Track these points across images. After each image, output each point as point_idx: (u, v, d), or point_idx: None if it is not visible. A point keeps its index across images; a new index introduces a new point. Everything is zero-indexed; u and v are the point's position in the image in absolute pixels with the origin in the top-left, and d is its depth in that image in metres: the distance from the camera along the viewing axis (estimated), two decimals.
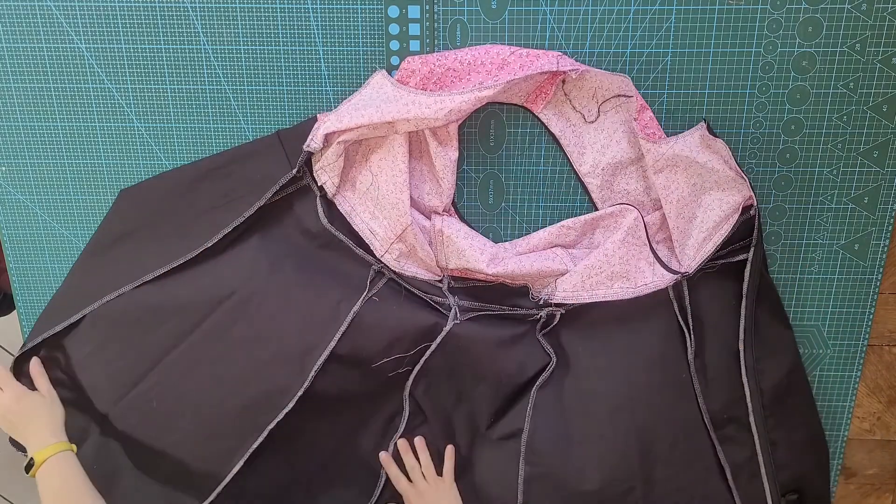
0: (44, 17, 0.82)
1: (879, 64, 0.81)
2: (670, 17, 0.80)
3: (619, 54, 0.81)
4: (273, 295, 0.83)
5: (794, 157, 0.85)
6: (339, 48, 0.83)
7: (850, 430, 0.96)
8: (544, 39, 0.81)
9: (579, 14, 0.80)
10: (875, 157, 0.84)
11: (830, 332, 0.92)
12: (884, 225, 0.87)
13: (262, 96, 0.85)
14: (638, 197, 0.86)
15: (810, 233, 0.88)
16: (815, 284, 0.90)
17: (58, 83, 0.85)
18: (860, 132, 0.84)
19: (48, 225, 0.91)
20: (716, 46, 0.81)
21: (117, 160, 0.88)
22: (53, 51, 0.84)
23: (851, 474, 1.03)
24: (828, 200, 0.87)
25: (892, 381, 0.97)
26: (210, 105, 0.86)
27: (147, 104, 0.86)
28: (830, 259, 0.89)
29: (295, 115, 0.85)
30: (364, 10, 0.81)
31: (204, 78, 0.84)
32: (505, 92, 0.80)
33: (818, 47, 0.80)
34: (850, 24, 0.79)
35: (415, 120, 0.76)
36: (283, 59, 0.83)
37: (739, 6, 0.79)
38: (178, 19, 0.82)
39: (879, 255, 0.88)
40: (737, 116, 0.84)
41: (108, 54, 0.84)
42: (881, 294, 0.91)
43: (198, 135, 0.87)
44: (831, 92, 0.82)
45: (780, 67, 0.81)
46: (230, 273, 0.84)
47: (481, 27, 0.81)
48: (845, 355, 0.93)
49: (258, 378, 0.84)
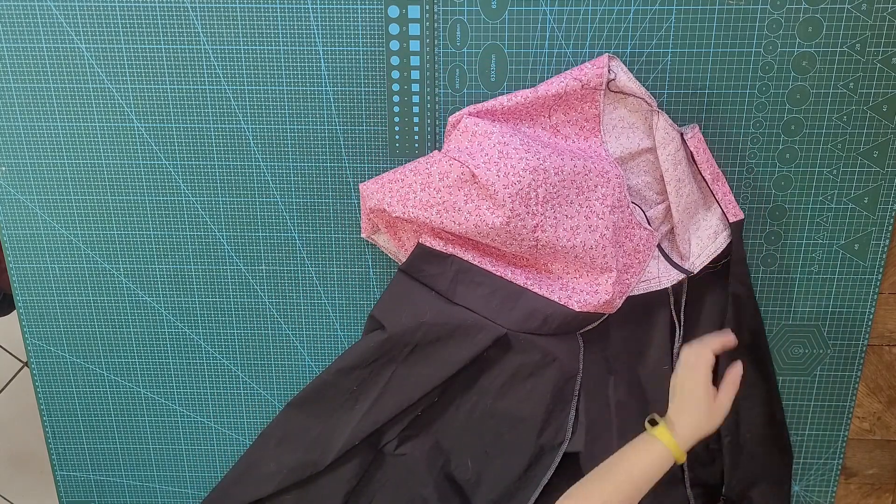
0: (44, 17, 0.82)
1: (879, 64, 0.81)
2: (670, 17, 0.80)
3: (619, 54, 0.81)
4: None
5: (794, 157, 0.85)
6: (339, 48, 0.83)
7: (850, 430, 0.96)
8: (544, 39, 0.81)
9: (579, 14, 0.80)
10: (875, 157, 0.84)
11: (830, 332, 0.92)
12: (884, 225, 0.87)
13: (262, 96, 0.85)
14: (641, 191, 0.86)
15: (810, 233, 0.88)
16: (815, 284, 0.90)
17: (58, 83, 0.85)
18: (860, 132, 0.84)
19: (48, 225, 0.91)
20: (716, 46, 0.81)
21: (117, 160, 0.88)
22: (53, 51, 0.84)
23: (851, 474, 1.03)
24: (828, 200, 0.87)
25: (892, 381, 0.97)
26: (210, 105, 0.86)
27: (147, 104, 0.86)
28: (830, 259, 0.89)
29: (295, 114, 0.85)
30: (364, 10, 0.81)
31: (204, 78, 0.84)
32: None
33: (818, 47, 0.80)
34: (850, 24, 0.79)
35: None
36: (283, 59, 0.83)
37: (739, 6, 0.79)
38: (178, 19, 0.82)
39: (879, 255, 0.88)
40: (737, 116, 0.84)
41: (108, 54, 0.84)
42: (881, 294, 0.91)
43: (198, 135, 0.87)
44: (831, 92, 0.82)
45: (780, 67, 0.81)
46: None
47: (481, 27, 0.81)
48: (845, 355, 0.93)
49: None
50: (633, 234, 0.83)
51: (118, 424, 1.00)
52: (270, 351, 0.96)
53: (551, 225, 0.78)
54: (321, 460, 0.89)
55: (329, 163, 0.88)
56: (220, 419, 0.99)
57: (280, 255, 0.92)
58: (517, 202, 0.75)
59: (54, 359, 0.97)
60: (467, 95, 0.84)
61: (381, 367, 0.86)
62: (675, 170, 0.80)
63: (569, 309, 0.82)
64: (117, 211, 0.90)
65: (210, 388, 0.98)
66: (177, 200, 0.90)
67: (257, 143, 0.87)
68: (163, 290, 0.94)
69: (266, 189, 0.89)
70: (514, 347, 0.84)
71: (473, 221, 0.77)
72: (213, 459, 1.01)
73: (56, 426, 1.00)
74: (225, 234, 0.91)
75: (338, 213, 0.90)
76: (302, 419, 0.91)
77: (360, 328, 0.94)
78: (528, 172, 0.75)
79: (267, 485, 0.91)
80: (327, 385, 0.88)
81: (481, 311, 0.83)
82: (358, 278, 0.92)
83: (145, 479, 1.03)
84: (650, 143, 0.82)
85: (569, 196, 0.78)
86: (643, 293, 0.85)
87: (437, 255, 0.83)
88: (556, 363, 0.84)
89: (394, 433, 0.90)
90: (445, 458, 0.91)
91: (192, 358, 0.97)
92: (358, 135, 0.86)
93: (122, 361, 0.97)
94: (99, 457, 1.02)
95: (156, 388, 0.98)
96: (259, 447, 0.93)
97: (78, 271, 0.93)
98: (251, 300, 0.94)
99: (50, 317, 0.95)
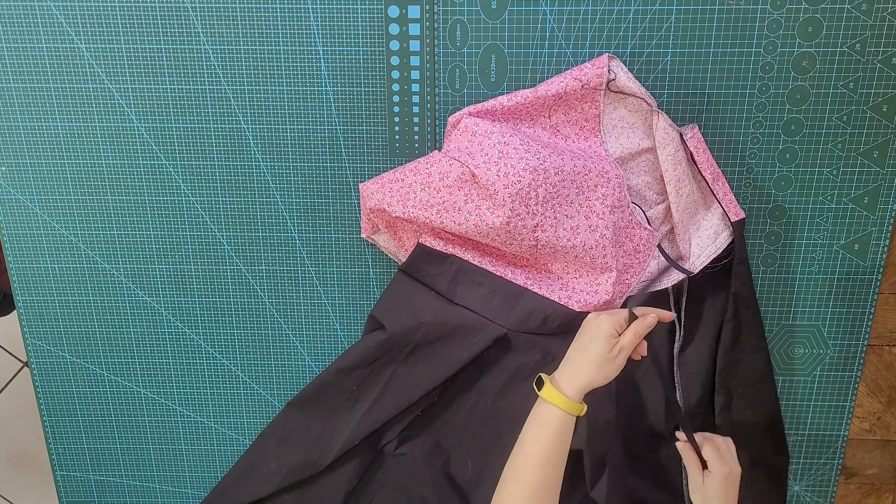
0: (44, 17, 0.82)
1: (879, 64, 0.81)
2: (670, 17, 0.80)
3: (619, 54, 0.81)
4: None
5: (794, 157, 0.85)
6: (339, 48, 0.83)
7: (850, 430, 0.96)
8: (544, 39, 0.81)
9: (579, 14, 0.80)
10: (875, 157, 0.84)
11: (830, 332, 0.92)
12: (884, 225, 0.87)
13: (262, 96, 0.85)
14: (641, 191, 0.86)
15: (810, 233, 0.88)
16: (815, 284, 0.90)
17: (58, 83, 0.85)
18: (860, 132, 0.83)
19: (48, 225, 0.91)
20: (716, 46, 0.81)
21: (117, 160, 0.88)
22: (53, 51, 0.84)
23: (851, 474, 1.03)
24: (828, 200, 0.87)
25: (892, 381, 0.97)
26: (210, 105, 0.86)
27: (147, 104, 0.86)
28: (830, 259, 0.89)
29: (295, 114, 0.85)
30: (364, 10, 0.81)
31: (204, 78, 0.84)
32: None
33: (818, 47, 0.80)
34: (850, 24, 0.79)
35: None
36: (283, 59, 0.83)
37: (739, 6, 0.79)
38: (178, 19, 0.82)
39: (879, 255, 0.88)
40: (737, 116, 0.84)
41: (108, 54, 0.84)
42: (881, 294, 0.91)
43: (198, 135, 0.87)
44: (831, 92, 0.82)
45: (780, 67, 0.81)
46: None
47: (481, 27, 0.81)
48: (845, 355, 0.93)
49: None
50: (633, 234, 0.83)
51: (118, 424, 1.00)
52: (270, 351, 0.96)
53: (551, 225, 0.78)
54: (321, 460, 0.89)
55: (329, 163, 0.88)
56: (220, 419, 0.99)
57: (280, 255, 0.92)
58: (517, 202, 0.75)
59: (54, 359, 0.97)
60: (467, 95, 0.84)
61: (381, 367, 0.86)
62: (675, 170, 0.80)
63: (569, 309, 0.82)
64: (117, 211, 0.90)
65: (210, 388, 0.98)
66: (177, 200, 0.90)
67: (257, 143, 0.87)
68: (163, 290, 0.94)
69: (266, 189, 0.89)
70: (514, 347, 0.84)
71: (473, 221, 0.77)
72: (213, 459, 1.01)
73: (56, 426, 1.00)
74: (225, 234, 0.91)
75: (338, 213, 0.90)
76: (302, 419, 0.90)
77: (360, 328, 0.94)
78: (528, 172, 0.75)
79: (267, 485, 0.91)
80: (327, 385, 0.88)
81: (481, 311, 0.83)
82: (358, 278, 0.92)
83: (145, 479, 1.03)
84: (650, 143, 0.82)
85: (569, 196, 0.78)
86: (643, 293, 0.85)
87: (437, 255, 0.83)
88: (556, 363, 0.84)
89: (394, 433, 0.90)
90: (445, 458, 0.91)
91: (192, 358, 0.97)
92: (358, 135, 0.86)
93: (122, 361, 0.97)
94: (99, 457, 1.02)
95: (156, 388, 0.98)
96: (259, 447, 0.93)
97: (78, 271, 0.93)
98: (251, 300, 0.94)
99: (50, 317, 0.95)
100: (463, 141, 0.81)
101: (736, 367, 0.88)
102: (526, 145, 0.77)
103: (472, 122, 0.80)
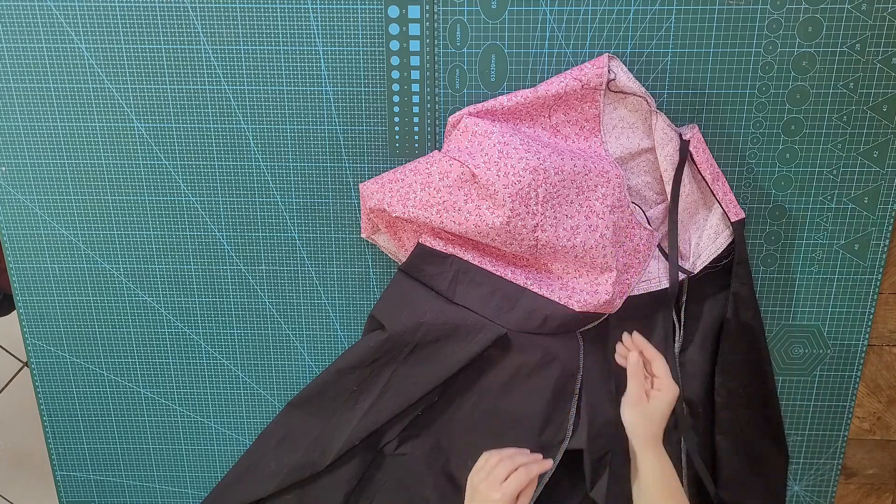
0: (44, 17, 0.82)
1: (879, 64, 0.81)
2: (670, 17, 0.80)
3: (619, 54, 0.81)
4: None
5: (794, 157, 0.85)
6: (339, 48, 0.83)
7: (850, 430, 0.96)
8: (544, 39, 0.81)
9: (579, 14, 0.80)
10: (875, 157, 0.84)
11: (830, 332, 0.92)
12: (884, 225, 0.87)
13: (262, 96, 0.85)
14: (641, 191, 0.86)
15: (810, 233, 0.88)
16: (815, 284, 0.90)
17: (58, 83, 0.85)
18: (860, 132, 0.84)
19: (48, 225, 0.91)
20: (716, 46, 0.81)
21: (117, 160, 0.88)
22: (53, 51, 0.84)
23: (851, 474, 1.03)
24: (828, 200, 0.87)
25: (892, 381, 0.97)
26: (210, 105, 0.86)
27: (147, 104, 0.86)
28: (830, 259, 0.89)
29: (295, 114, 0.85)
30: (364, 10, 0.81)
31: (204, 78, 0.84)
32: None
33: (818, 47, 0.80)
34: (850, 24, 0.79)
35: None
36: (283, 59, 0.83)
37: (739, 6, 0.79)
38: (178, 19, 0.82)
39: (879, 255, 0.88)
40: (737, 116, 0.84)
41: (108, 54, 0.84)
42: (881, 294, 0.91)
43: (198, 135, 0.87)
44: (831, 92, 0.82)
45: (780, 67, 0.81)
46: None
47: (481, 27, 0.81)
48: (845, 355, 0.93)
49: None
50: (633, 233, 0.83)
51: (118, 424, 1.00)
52: (270, 351, 0.96)
53: (551, 225, 0.78)
54: (321, 460, 0.89)
55: (329, 163, 0.88)
56: (220, 419, 0.99)
57: (280, 255, 0.92)
58: (517, 202, 0.75)
59: (54, 359, 0.97)
60: (467, 95, 0.84)
61: (382, 366, 0.86)
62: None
63: (569, 309, 0.82)
64: (117, 211, 0.90)
65: (210, 388, 0.98)
66: (177, 200, 0.90)
67: (257, 143, 0.87)
68: (163, 290, 0.94)
69: (266, 189, 0.89)
70: (514, 347, 0.84)
71: (473, 221, 0.77)
72: (213, 459, 1.01)
73: (56, 426, 1.00)
74: (225, 234, 0.91)
75: (338, 213, 0.90)
76: (302, 419, 0.90)
77: (360, 328, 0.94)
78: (528, 172, 0.75)
79: (267, 485, 0.91)
80: (327, 385, 0.88)
81: (481, 310, 0.83)
82: (358, 278, 0.92)
83: (145, 479, 1.03)
84: (650, 143, 0.82)
85: (569, 196, 0.78)
86: (643, 293, 0.85)
87: (437, 255, 0.83)
88: (556, 362, 0.84)
89: (394, 433, 0.90)
90: (446, 457, 0.91)
91: (192, 358, 0.97)
92: (358, 135, 0.86)
93: (122, 361, 0.97)
94: (99, 457, 1.02)
95: (156, 388, 0.98)
96: (259, 447, 0.93)
97: (78, 271, 0.93)
98: (251, 300, 0.94)
99: (50, 317, 0.95)
100: (463, 141, 0.81)
101: (736, 367, 0.88)
102: (526, 145, 0.77)
103: (472, 122, 0.80)
